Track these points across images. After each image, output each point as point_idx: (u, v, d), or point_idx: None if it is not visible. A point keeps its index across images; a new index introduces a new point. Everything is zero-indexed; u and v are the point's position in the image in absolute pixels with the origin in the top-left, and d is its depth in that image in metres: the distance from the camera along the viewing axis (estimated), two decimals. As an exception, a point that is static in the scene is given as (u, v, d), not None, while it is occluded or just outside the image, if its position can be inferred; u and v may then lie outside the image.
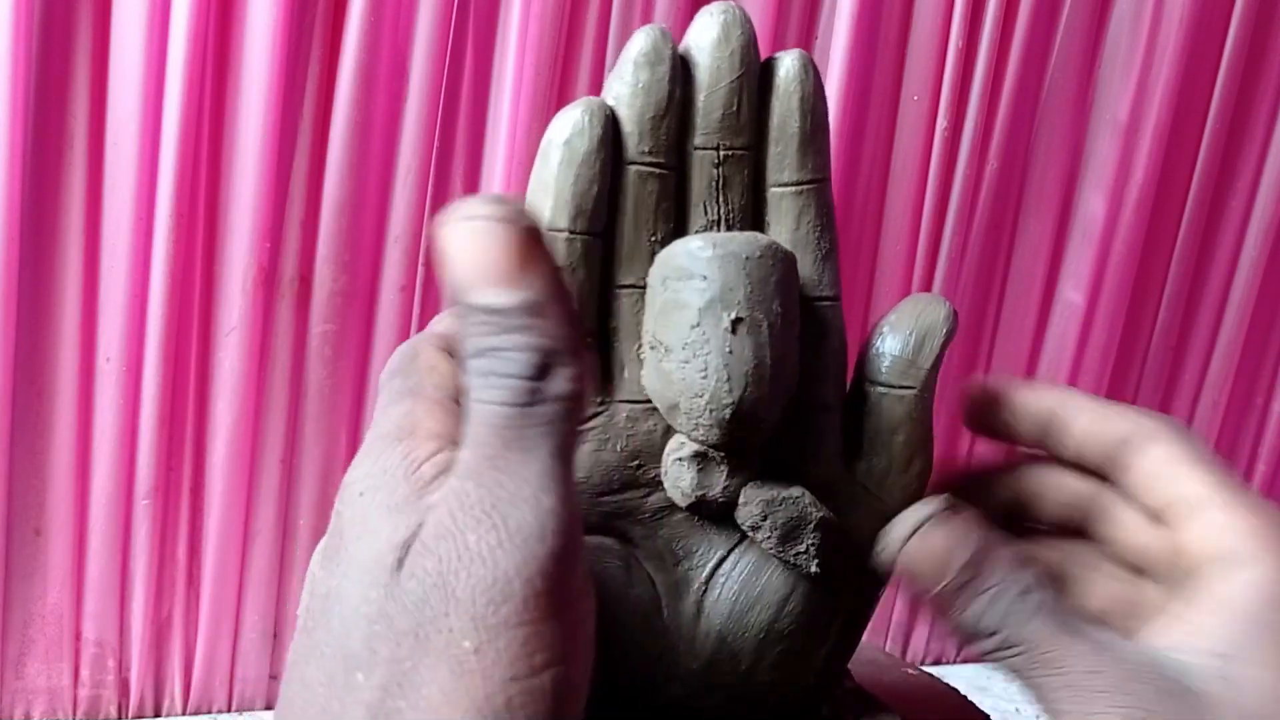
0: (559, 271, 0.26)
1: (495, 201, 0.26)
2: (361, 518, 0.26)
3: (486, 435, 0.25)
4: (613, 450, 0.31)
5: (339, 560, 0.26)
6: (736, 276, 0.29)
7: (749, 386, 0.29)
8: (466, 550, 0.24)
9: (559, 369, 0.25)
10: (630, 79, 0.31)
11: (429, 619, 0.24)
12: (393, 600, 0.24)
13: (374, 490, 0.26)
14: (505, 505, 0.24)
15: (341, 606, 0.25)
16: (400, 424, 0.27)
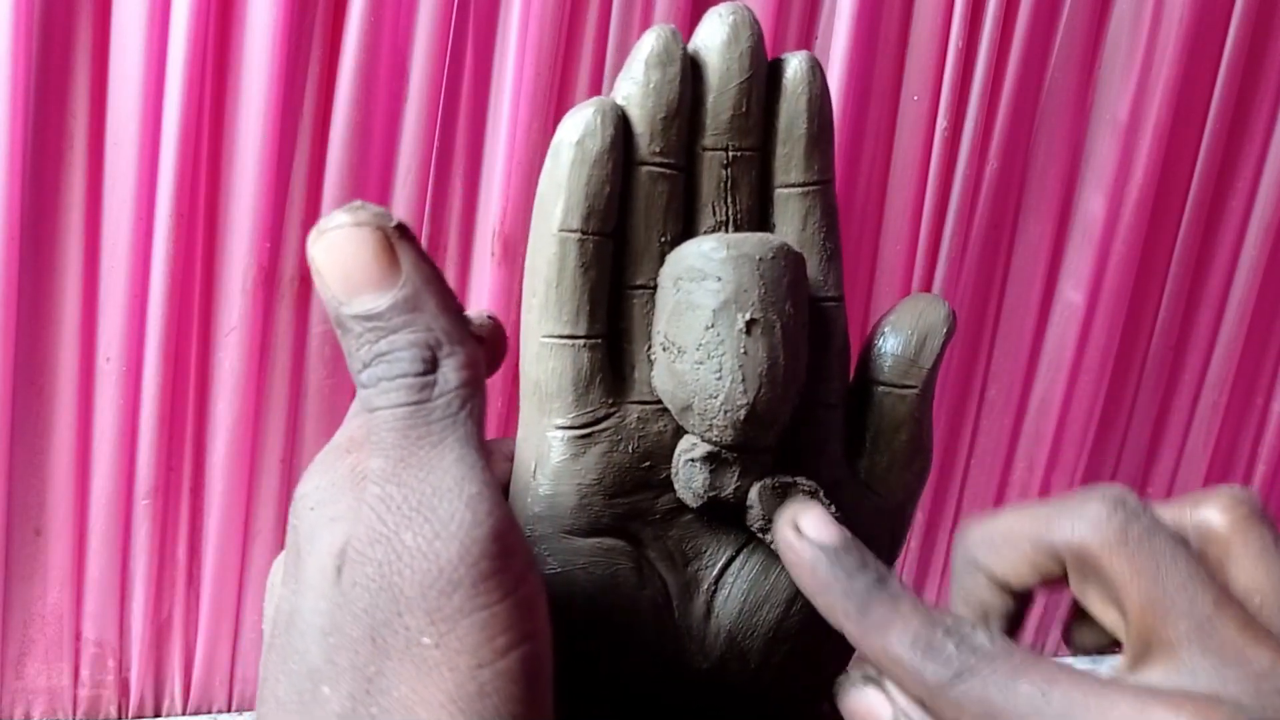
0: (429, 262, 0.26)
1: (351, 209, 0.26)
2: (310, 531, 0.26)
3: (394, 439, 0.25)
4: (624, 452, 0.31)
5: (295, 576, 0.26)
6: (750, 278, 0.29)
7: (763, 387, 0.29)
8: (405, 549, 0.24)
9: (447, 358, 0.25)
10: (642, 79, 0.31)
11: (382, 622, 0.24)
12: (341, 609, 0.24)
13: (322, 504, 0.26)
14: (432, 499, 0.24)
15: (299, 621, 0.25)
16: (352, 436, 0.27)
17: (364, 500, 0.25)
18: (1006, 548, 0.29)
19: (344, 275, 0.26)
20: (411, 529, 0.24)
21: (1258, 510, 0.29)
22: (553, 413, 0.31)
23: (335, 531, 0.25)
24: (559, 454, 0.31)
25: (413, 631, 0.24)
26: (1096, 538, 0.27)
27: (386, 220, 0.26)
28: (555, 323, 0.31)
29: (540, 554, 0.31)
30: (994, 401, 0.72)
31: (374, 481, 0.25)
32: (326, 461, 0.27)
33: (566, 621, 0.31)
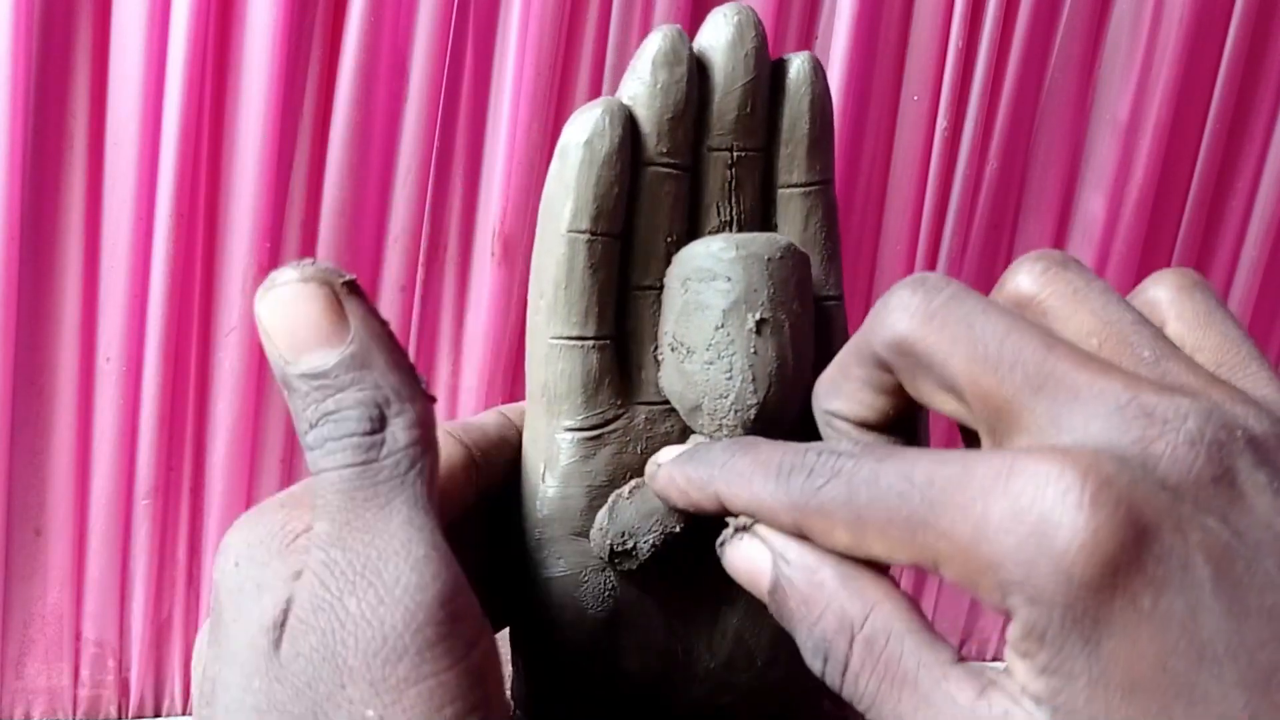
0: (379, 318, 0.25)
1: (299, 265, 0.25)
2: (235, 592, 0.24)
3: (339, 502, 0.24)
4: (633, 453, 0.31)
5: (219, 641, 0.24)
6: (760, 278, 0.29)
7: (773, 386, 0.29)
8: (348, 616, 0.23)
9: (397, 417, 0.24)
10: (649, 79, 0.31)
11: (325, 696, 0.22)
12: (280, 685, 0.23)
13: (246, 563, 0.25)
14: (377, 563, 0.23)
15: (226, 697, 0.24)
16: (291, 493, 0.26)
17: (306, 565, 0.24)
18: (845, 382, 0.27)
19: (289, 332, 0.25)
20: (355, 595, 0.23)
21: (1201, 282, 0.26)
22: (562, 414, 0.31)
23: (265, 602, 0.24)
24: (568, 456, 0.31)
25: (356, 704, 0.22)
26: (906, 324, 0.24)
27: (335, 277, 0.25)
28: (564, 324, 0.31)
29: (549, 556, 0.31)
30: (994, 401, 0.72)
31: (318, 546, 0.24)
32: (256, 515, 0.26)
33: (576, 623, 0.31)
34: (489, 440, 0.32)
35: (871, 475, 0.23)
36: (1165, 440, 0.21)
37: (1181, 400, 0.21)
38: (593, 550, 0.30)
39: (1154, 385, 0.22)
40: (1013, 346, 0.22)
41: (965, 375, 0.23)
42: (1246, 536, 0.20)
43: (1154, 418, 0.21)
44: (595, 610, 0.31)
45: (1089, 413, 0.21)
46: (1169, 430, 0.21)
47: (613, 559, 0.30)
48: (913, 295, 0.24)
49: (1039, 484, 0.20)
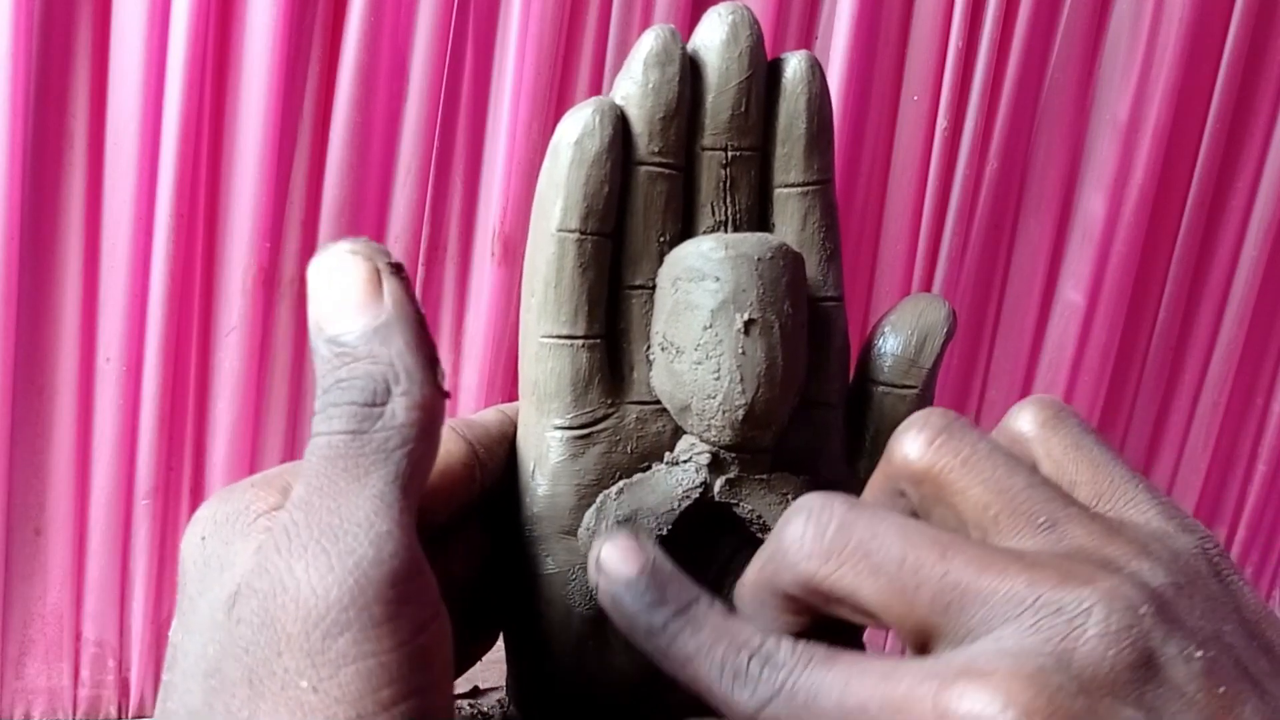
0: (414, 303, 0.26)
1: (353, 240, 0.26)
2: (200, 565, 0.24)
3: (319, 465, 0.24)
4: (623, 452, 0.31)
5: (183, 612, 0.24)
6: (749, 278, 0.29)
7: (761, 387, 0.29)
8: (294, 581, 0.22)
9: (401, 396, 0.24)
10: (641, 79, 0.31)
11: (260, 661, 0.22)
12: (224, 650, 0.23)
13: (213, 537, 0.24)
14: (335, 531, 0.23)
15: (184, 661, 0.24)
16: (267, 473, 0.26)
17: (268, 530, 0.23)
18: (763, 610, 0.27)
19: (326, 299, 0.25)
20: (305, 559, 0.22)
21: (1062, 410, 0.27)
22: (551, 413, 0.31)
23: (225, 578, 0.23)
24: (558, 454, 0.31)
25: (290, 673, 0.22)
26: (805, 564, 0.25)
27: (381, 256, 0.26)
28: (554, 323, 0.31)
29: (539, 554, 0.31)
30: (994, 401, 0.72)
31: (284, 510, 0.24)
32: (225, 494, 0.26)
33: (565, 621, 0.31)
34: (491, 438, 0.32)
35: (811, 695, 0.23)
36: (1076, 638, 0.21)
37: (1083, 591, 0.22)
38: (581, 549, 0.30)
39: (1054, 574, 0.22)
40: (911, 568, 0.23)
41: (876, 605, 0.24)
42: (1164, 713, 0.21)
43: (1061, 614, 0.21)
44: (583, 608, 0.31)
45: (1000, 618, 0.22)
46: (1077, 628, 0.21)
47: None
48: (804, 530, 0.25)
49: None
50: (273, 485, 0.25)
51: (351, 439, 0.24)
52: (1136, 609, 0.22)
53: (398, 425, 0.24)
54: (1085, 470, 0.26)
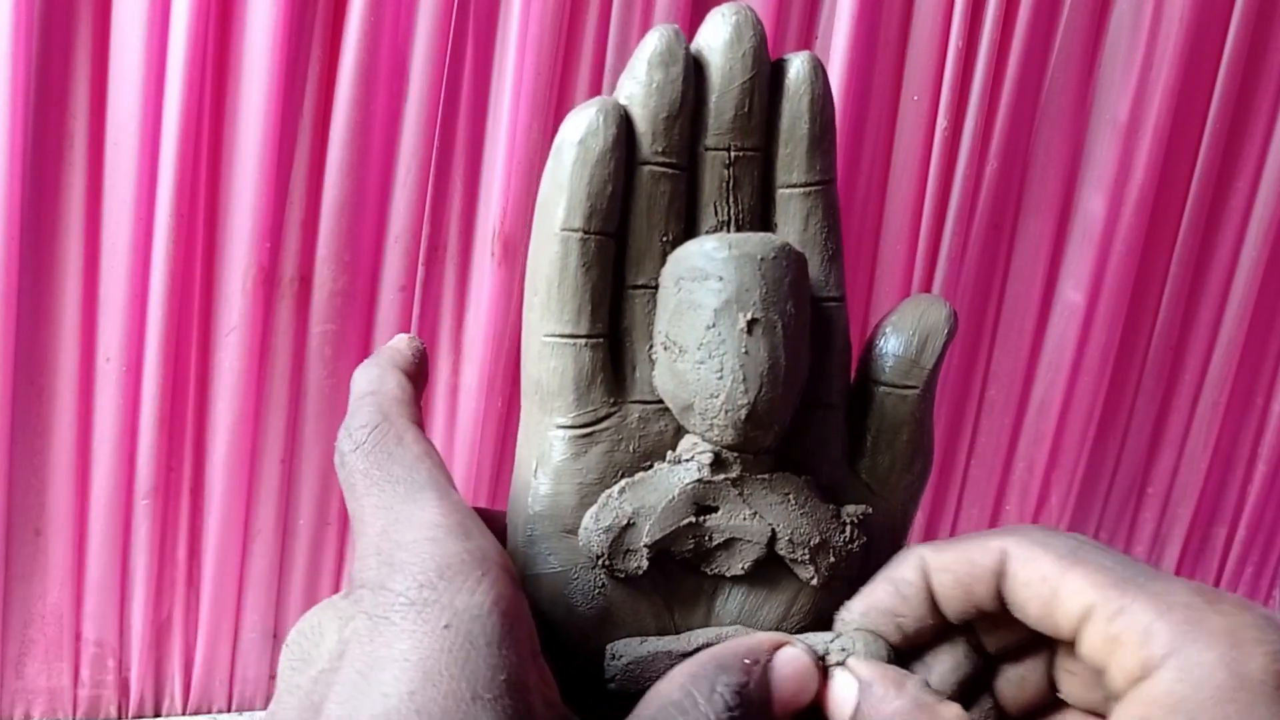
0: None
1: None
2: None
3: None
4: (625, 451, 0.31)
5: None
6: (752, 277, 0.29)
7: (764, 387, 0.29)
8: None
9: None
10: (644, 79, 0.31)
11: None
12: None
13: (460, 630, 0.25)
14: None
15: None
16: (468, 549, 0.26)
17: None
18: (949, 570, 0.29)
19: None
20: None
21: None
22: (554, 412, 0.31)
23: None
24: (560, 453, 0.31)
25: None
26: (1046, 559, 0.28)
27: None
28: (556, 322, 0.31)
29: (541, 553, 0.31)
30: (994, 401, 0.72)
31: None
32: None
33: (566, 620, 0.31)
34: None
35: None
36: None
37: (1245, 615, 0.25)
38: (582, 548, 0.30)
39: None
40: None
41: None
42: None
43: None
44: (585, 608, 0.31)
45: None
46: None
47: (611, 562, 0.30)
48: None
49: None
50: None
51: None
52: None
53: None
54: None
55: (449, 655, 0.24)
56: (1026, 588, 0.28)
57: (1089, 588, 0.27)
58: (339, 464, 0.29)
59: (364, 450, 0.29)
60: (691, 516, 0.31)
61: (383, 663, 0.24)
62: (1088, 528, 0.78)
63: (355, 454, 0.29)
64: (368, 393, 0.31)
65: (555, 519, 0.31)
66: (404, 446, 0.29)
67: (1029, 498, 0.75)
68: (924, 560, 0.30)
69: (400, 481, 0.28)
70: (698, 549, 0.31)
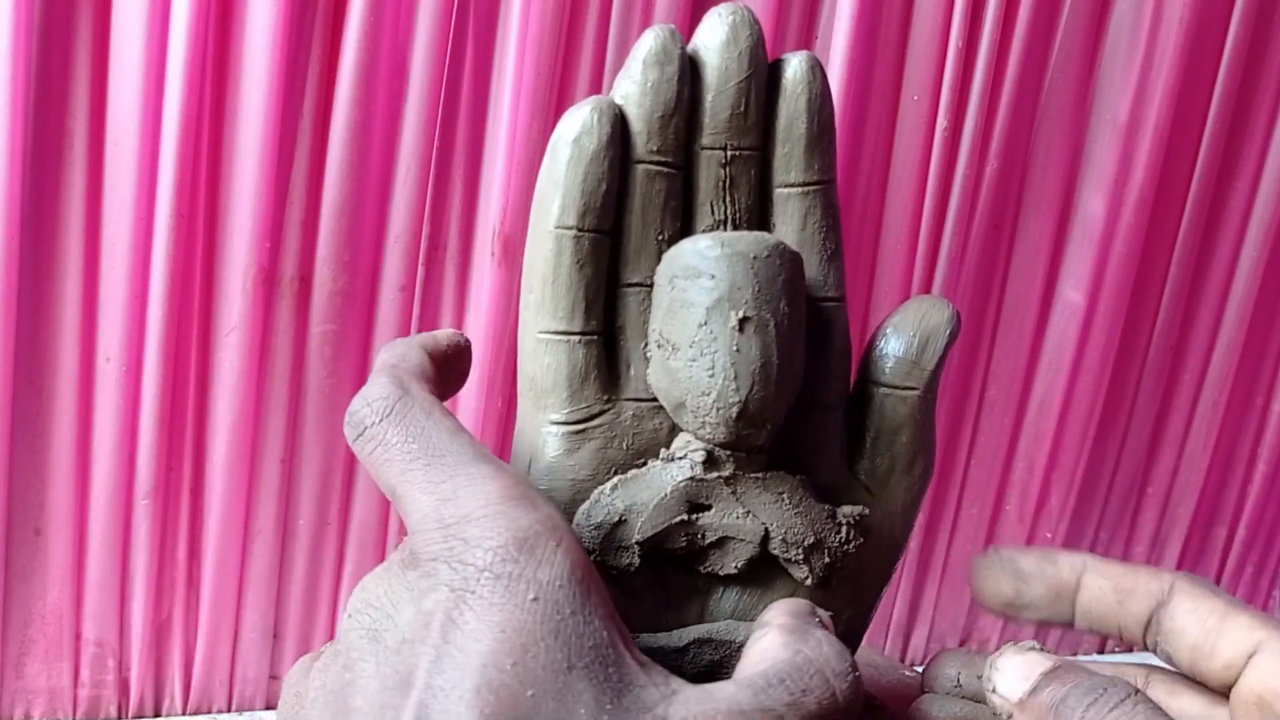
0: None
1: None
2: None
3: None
4: (618, 448, 0.31)
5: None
6: (744, 276, 0.29)
7: (756, 385, 0.29)
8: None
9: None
10: (640, 78, 0.31)
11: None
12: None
13: (549, 601, 0.25)
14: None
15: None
16: (540, 520, 0.26)
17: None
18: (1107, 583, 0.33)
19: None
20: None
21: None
22: (548, 408, 0.31)
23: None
24: (554, 449, 0.31)
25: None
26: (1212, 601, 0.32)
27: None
28: (551, 319, 0.31)
29: None
30: (994, 401, 0.72)
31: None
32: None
33: None
34: None
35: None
36: None
37: None
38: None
39: None
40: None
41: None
42: None
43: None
44: None
45: None
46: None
47: (602, 558, 0.30)
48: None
49: None
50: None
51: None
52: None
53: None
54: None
55: (542, 627, 0.25)
56: (1191, 615, 0.31)
57: (1259, 625, 0.29)
58: (359, 436, 0.29)
59: (392, 421, 0.28)
60: (684, 514, 0.31)
61: (477, 634, 0.25)
62: (1088, 528, 0.78)
63: (383, 425, 0.28)
64: (388, 364, 0.31)
65: None
66: (434, 420, 0.29)
67: (1029, 498, 0.75)
68: (1088, 562, 0.33)
69: (448, 453, 0.28)
70: (690, 547, 0.31)
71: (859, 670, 0.27)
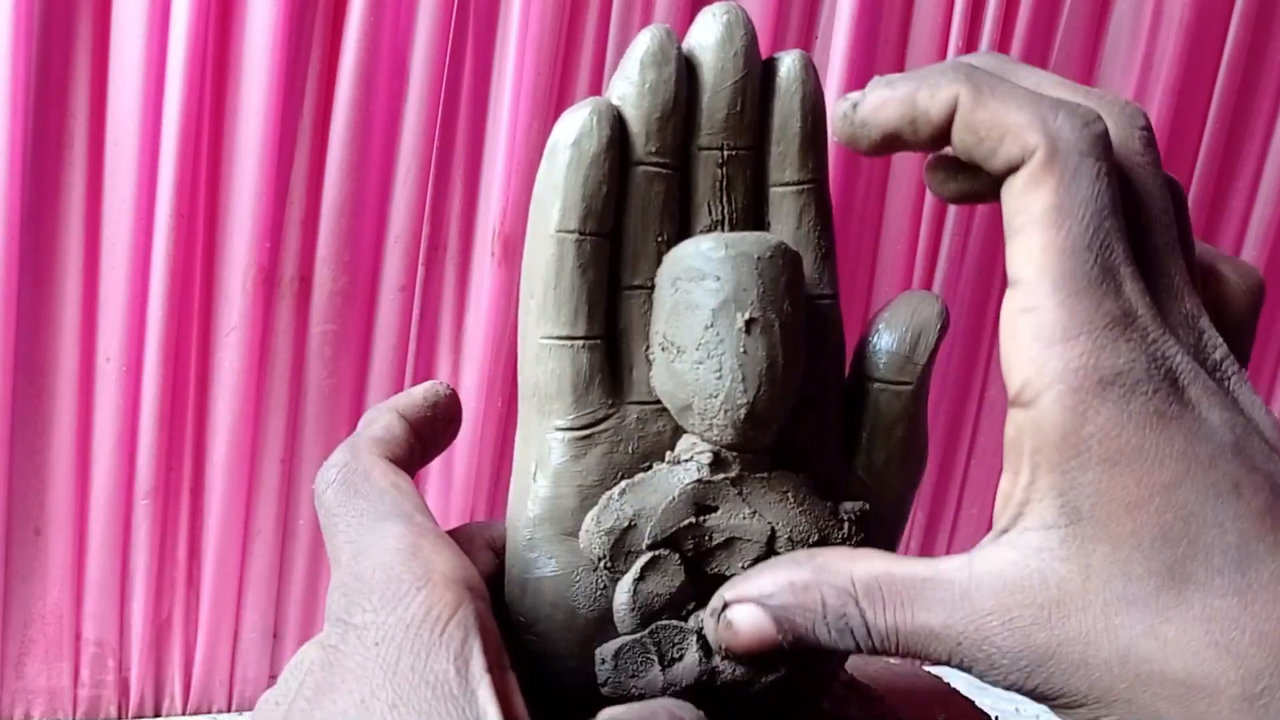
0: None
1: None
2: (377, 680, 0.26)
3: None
4: (624, 452, 0.31)
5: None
6: (749, 277, 0.29)
7: (763, 386, 0.29)
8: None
9: None
10: (637, 79, 0.31)
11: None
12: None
13: (390, 643, 0.25)
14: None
15: None
16: (410, 567, 0.27)
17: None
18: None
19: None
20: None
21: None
22: (552, 414, 0.31)
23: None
24: (559, 455, 0.31)
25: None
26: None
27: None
28: (553, 324, 0.31)
29: (541, 557, 0.31)
30: (994, 401, 0.72)
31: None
32: (390, 590, 0.27)
33: (568, 623, 0.31)
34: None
35: None
36: None
37: None
38: (583, 551, 0.30)
39: None
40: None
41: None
42: None
43: None
44: (587, 610, 0.31)
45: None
46: None
47: (612, 564, 0.30)
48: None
49: None
50: (434, 579, 0.27)
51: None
52: None
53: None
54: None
55: (377, 670, 0.25)
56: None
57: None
58: (317, 506, 0.30)
59: (334, 488, 0.29)
60: (692, 517, 0.31)
61: (325, 689, 0.25)
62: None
63: (327, 492, 0.30)
64: (353, 435, 0.32)
65: (555, 522, 0.31)
66: (370, 481, 0.29)
67: (1029, 498, 0.75)
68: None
69: (365, 514, 0.28)
70: (698, 549, 0.31)
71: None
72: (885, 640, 0.27)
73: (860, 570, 0.27)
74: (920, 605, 0.26)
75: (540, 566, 0.31)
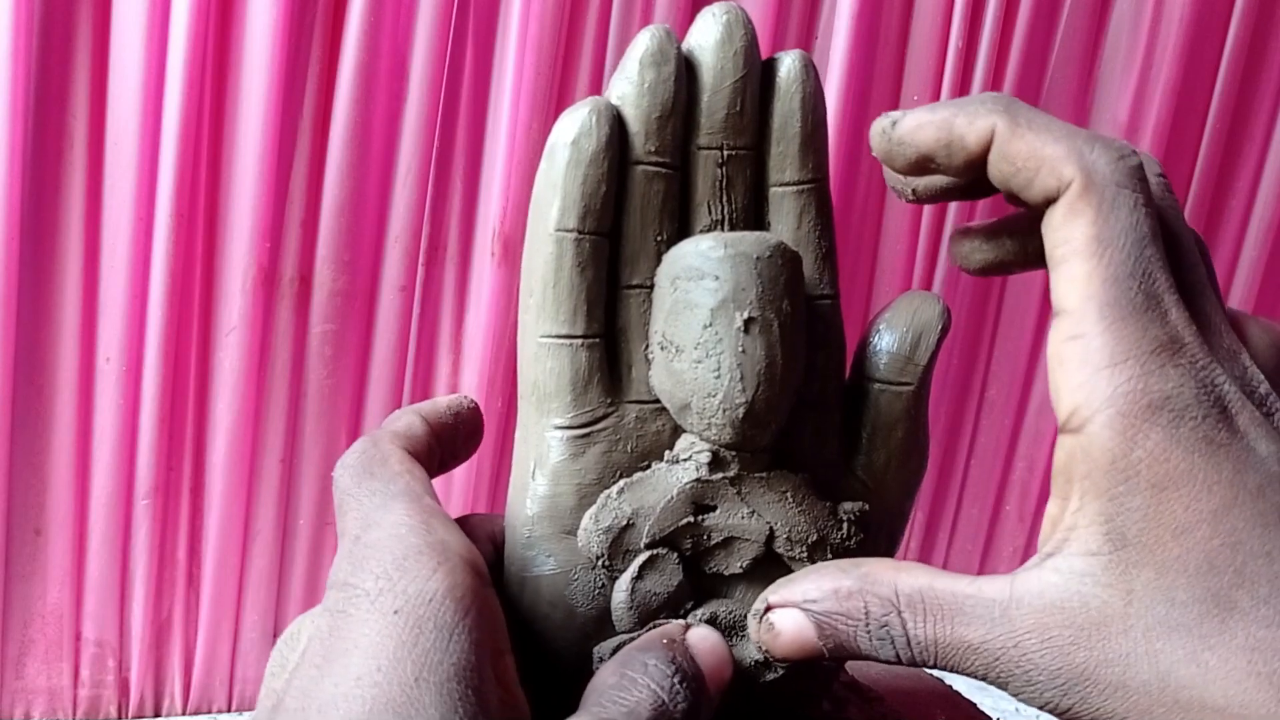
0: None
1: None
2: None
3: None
4: (623, 451, 0.31)
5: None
6: (748, 276, 0.29)
7: (761, 385, 0.29)
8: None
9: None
10: (636, 79, 0.31)
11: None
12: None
13: (410, 614, 0.25)
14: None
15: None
16: (428, 540, 0.27)
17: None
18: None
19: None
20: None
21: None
22: (551, 413, 0.31)
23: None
24: (558, 454, 0.31)
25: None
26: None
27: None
28: (552, 323, 0.31)
29: (540, 554, 0.31)
30: (994, 401, 0.72)
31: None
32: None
33: (566, 621, 0.31)
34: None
35: None
36: None
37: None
38: (582, 549, 0.30)
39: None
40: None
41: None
42: None
43: None
44: (585, 609, 0.31)
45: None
46: None
47: (610, 563, 0.30)
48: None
49: None
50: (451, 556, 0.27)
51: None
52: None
53: None
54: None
55: (396, 639, 0.25)
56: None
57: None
58: (334, 491, 0.30)
59: (350, 470, 0.30)
60: (690, 516, 0.31)
61: (336, 654, 0.25)
62: (1088, 528, 0.78)
63: (343, 474, 0.30)
64: (376, 430, 0.32)
65: (554, 520, 0.31)
66: (386, 466, 0.30)
67: (1029, 497, 0.75)
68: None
69: (377, 494, 0.29)
70: (696, 548, 0.31)
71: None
72: (925, 652, 0.27)
73: (905, 581, 0.27)
74: (961, 620, 0.26)
75: (539, 564, 0.31)
